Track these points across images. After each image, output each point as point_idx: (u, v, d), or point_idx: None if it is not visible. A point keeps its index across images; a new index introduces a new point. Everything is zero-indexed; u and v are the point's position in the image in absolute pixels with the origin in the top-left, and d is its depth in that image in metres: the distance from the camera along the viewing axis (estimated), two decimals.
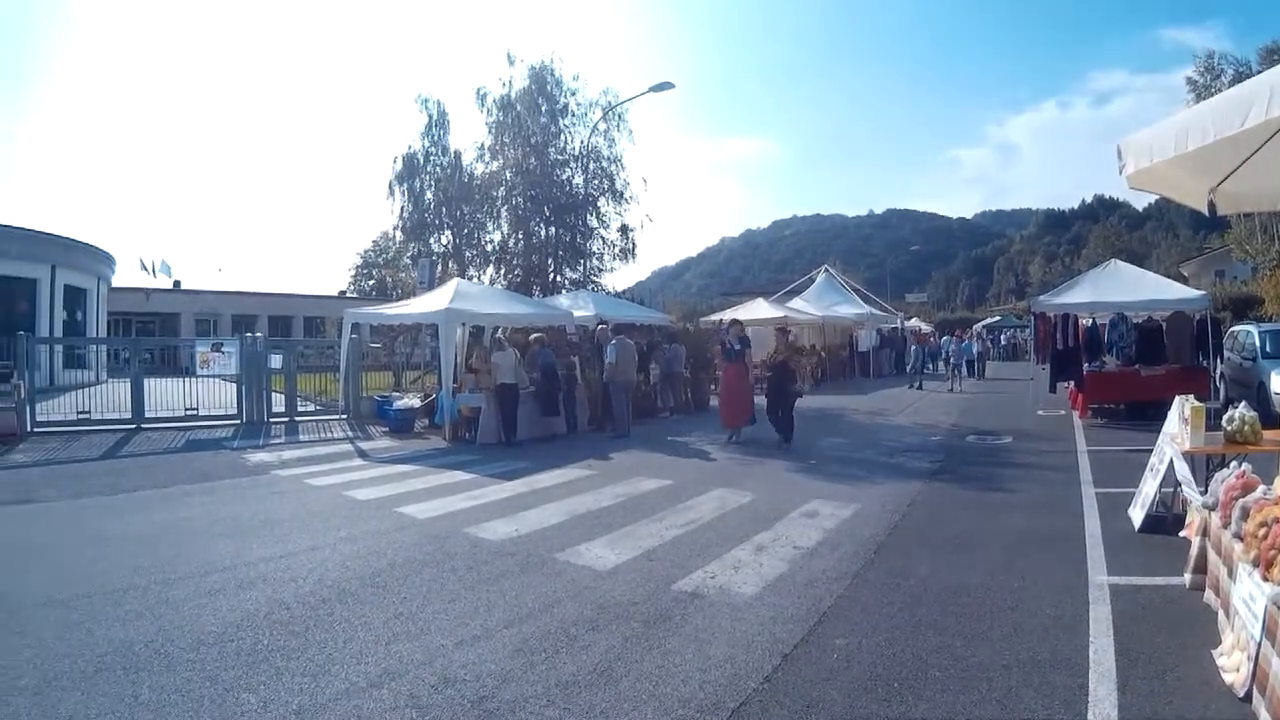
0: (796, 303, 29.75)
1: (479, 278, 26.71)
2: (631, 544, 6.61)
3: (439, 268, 25.38)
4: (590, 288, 25.61)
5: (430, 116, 27.94)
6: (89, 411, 14.75)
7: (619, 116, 27.36)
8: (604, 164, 27.59)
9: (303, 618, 5.03)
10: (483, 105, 27.70)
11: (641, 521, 7.41)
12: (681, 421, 16.45)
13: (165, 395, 15.53)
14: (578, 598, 5.27)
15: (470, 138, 31.20)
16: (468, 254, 28.08)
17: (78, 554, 6.59)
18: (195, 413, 15.58)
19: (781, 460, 10.97)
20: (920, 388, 23.40)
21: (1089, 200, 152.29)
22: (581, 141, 27.08)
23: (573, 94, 27.52)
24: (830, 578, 5.50)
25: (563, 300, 20.50)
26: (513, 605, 5.16)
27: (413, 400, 16.21)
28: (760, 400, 13.25)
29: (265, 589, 5.60)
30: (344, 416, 16.58)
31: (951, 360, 24.64)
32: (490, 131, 27.75)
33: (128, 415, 14.78)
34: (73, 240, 26.66)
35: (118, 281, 34.18)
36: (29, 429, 13.57)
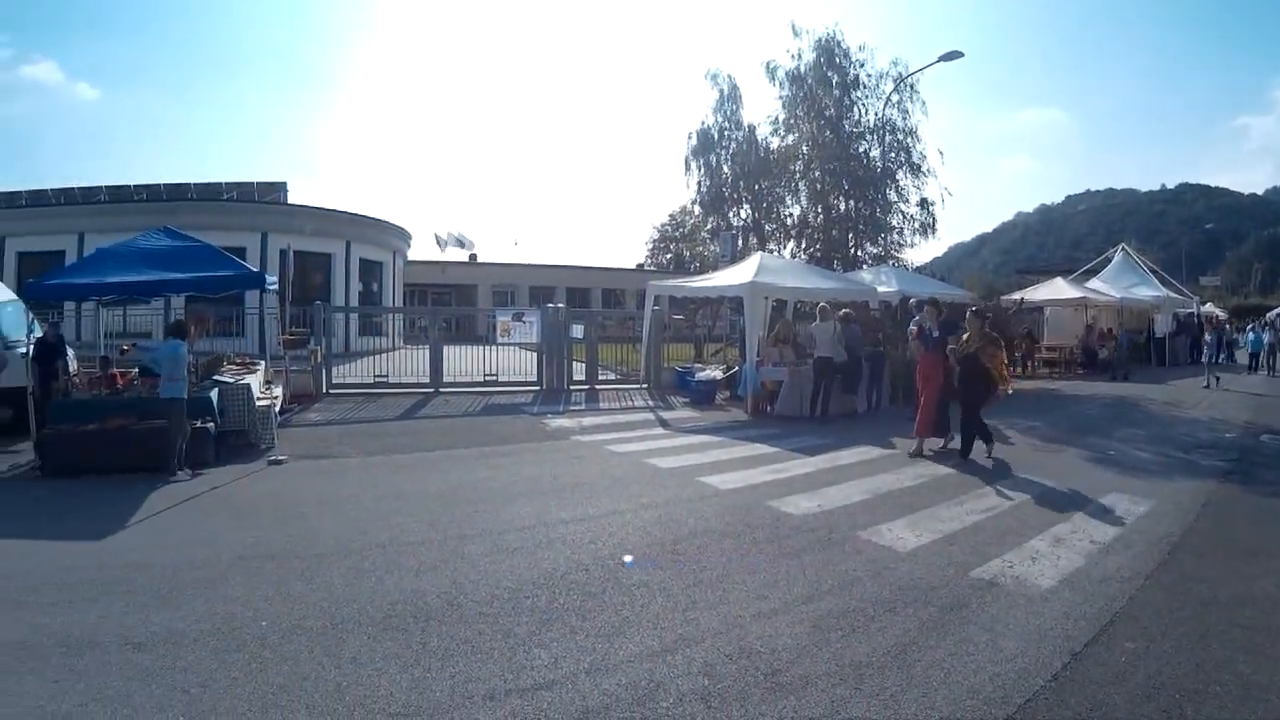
0: (1094, 283, 30.09)
1: (779, 252, 27.39)
2: (931, 526, 6.79)
3: (739, 241, 26.30)
4: (891, 263, 26.11)
5: (721, 91, 28.87)
6: (386, 375, 16.71)
7: (911, 87, 27.29)
8: (899, 136, 27.59)
9: (600, 580, 5.29)
10: (773, 79, 28.35)
11: (942, 504, 7.61)
12: None
13: (463, 362, 17.14)
14: (876, 578, 5.46)
15: (762, 112, 31.69)
16: (767, 228, 28.88)
17: (373, 508, 7.39)
18: (494, 378, 17.08)
19: (1078, 449, 10.93)
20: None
21: None
22: (875, 114, 27.31)
23: (861, 65, 27.56)
24: (1124, 577, 5.54)
25: (865, 275, 20.72)
26: (812, 581, 5.38)
27: (714, 372, 16.70)
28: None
29: (563, 549, 5.96)
30: (644, 386, 17.52)
31: (1207, 351, 21.55)
32: (783, 105, 28.47)
33: (425, 380, 16.56)
34: (366, 217, 30.45)
35: (415, 255, 38.71)
36: (325, 390, 15.62)
